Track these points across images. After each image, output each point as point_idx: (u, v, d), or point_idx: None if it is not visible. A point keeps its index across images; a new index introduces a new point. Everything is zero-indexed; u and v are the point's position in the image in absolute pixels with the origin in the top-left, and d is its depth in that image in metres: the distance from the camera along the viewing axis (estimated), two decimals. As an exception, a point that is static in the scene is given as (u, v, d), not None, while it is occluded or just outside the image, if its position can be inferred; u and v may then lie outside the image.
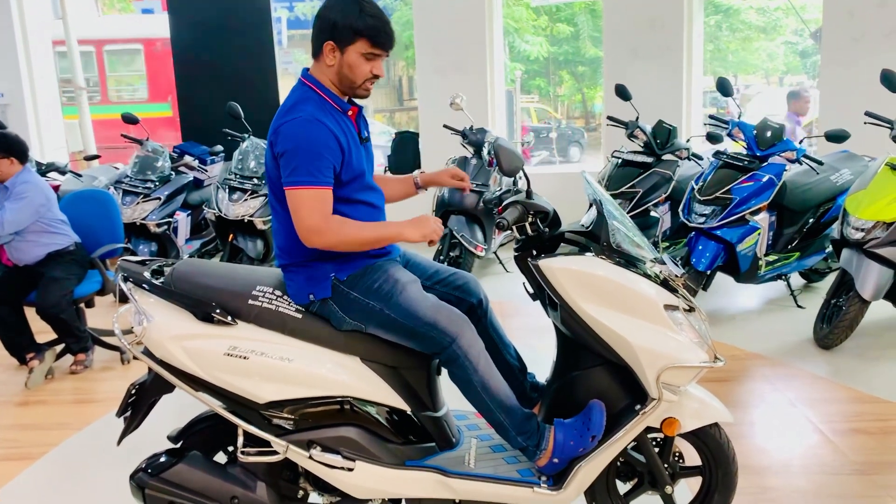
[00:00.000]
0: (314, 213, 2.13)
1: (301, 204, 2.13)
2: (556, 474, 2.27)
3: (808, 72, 22.70)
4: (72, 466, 3.30)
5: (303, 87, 2.28)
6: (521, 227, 2.29)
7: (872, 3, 5.92)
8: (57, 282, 4.16)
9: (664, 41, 6.80)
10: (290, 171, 2.14)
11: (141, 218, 5.70)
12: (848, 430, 3.35)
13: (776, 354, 4.25)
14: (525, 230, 2.29)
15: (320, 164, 2.13)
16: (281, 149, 2.16)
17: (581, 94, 22.46)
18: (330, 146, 2.16)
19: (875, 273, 4.01)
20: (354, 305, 2.23)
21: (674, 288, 2.31)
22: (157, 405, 2.41)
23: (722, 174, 4.73)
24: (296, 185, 2.13)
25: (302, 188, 2.13)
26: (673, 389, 2.21)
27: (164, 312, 2.23)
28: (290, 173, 2.14)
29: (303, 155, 2.13)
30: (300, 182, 2.13)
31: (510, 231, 2.29)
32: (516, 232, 2.31)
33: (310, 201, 2.13)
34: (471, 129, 5.83)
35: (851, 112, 5.15)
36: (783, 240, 4.94)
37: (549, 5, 18.21)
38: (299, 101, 2.23)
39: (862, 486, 2.89)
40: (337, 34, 2.20)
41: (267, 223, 5.69)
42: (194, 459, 2.32)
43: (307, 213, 2.13)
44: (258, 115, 6.12)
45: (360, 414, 2.28)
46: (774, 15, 20.17)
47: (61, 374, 4.37)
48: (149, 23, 15.45)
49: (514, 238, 2.43)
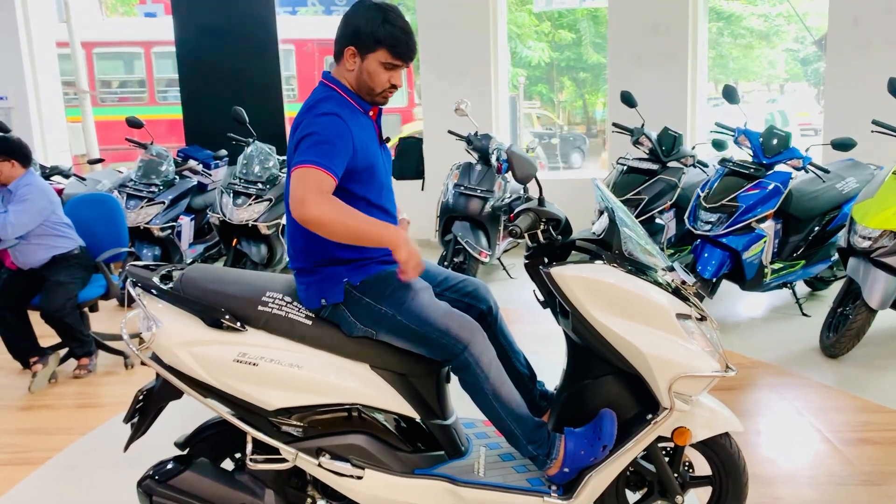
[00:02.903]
0: (309, 186, 2.02)
1: (299, 178, 2.04)
2: (566, 483, 2.25)
3: (810, 79, 22.74)
4: (75, 472, 3.28)
5: (324, 88, 2.28)
6: (533, 235, 2.28)
7: (878, 10, 5.92)
8: (61, 285, 4.15)
9: (668, 48, 6.79)
10: (300, 153, 2.09)
11: (145, 222, 5.69)
12: (856, 440, 3.33)
13: (782, 363, 4.23)
14: (537, 238, 2.28)
15: (329, 151, 2.08)
16: (296, 138, 2.14)
17: (582, 100, 22.50)
18: (344, 138, 2.12)
19: (882, 282, 4.00)
20: (366, 311, 2.22)
21: (685, 296, 2.30)
22: (162, 411, 2.39)
23: (728, 182, 4.71)
24: (299, 164, 2.06)
25: (304, 167, 2.05)
26: (685, 399, 2.20)
27: (172, 318, 2.23)
28: (300, 153, 2.09)
29: (315, 142, 2.09)
30: (304, 161, 2.05)
31: (522, 238, 2.27)
32: (528, 239, 2.29)
33: (310, 177, 2.03)
34: (475, 135, 5.82)
35: (857, 120, 5.15)
36: (788, 248, 4.94)
37: (552, 10, 18.25)
38: (320, 101, 2.22)
39: (871, 496, 2.87)
40: (359, 41, 2.20)
41: (271, 228, 5.69)
42: (202, 467, 2.31)
43: (302, 185, 2.02)
44: (262, 120, 6.13)
45: (369, 421, 2.26)
46: (776, 22, 20.22)
47: (65, 379, 4.35)
48: (153, 26, 15.48)
49: (517, 244, 2.41)
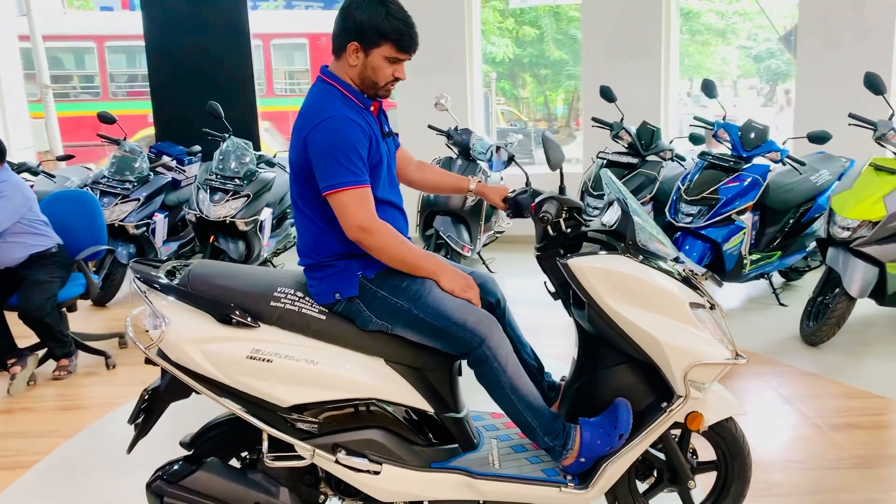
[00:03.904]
0: (363, 211, 2.13)
1: (348, 204, 2.12)
2: (582, 473, 2.27)
3: (762, 75, 23.24)
4: (67, 475, 3.20)
5: (324, 85, 2.25)
6: (556, 224, 2.27)
7: (847, 8, 6.07)
8: (40, 284, 4.03)
9: (642, 43, 6.87)
10: (331, 174, 2.11)
11: (120, 219, 5.56)
12: (843, 425, 3.42)
13: (764, 352, 4.32)
14: (559, 226, 2.28)
15: (358, 163, 2.13)
16: (317, 152, 2.13)
17: (544, 96, 22.64)
18: (363, 142, 2.15)
19: (861, 271, 4.10)
20: (382, 304, 2.20)
21: (695, 285, 2.33)
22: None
23: (708, 175, 4.79)
24: (339, 187, 2.11)
25: (346, 189, 2.11)
26: (698, 386, 2.24)
27: (181, 315, 2.18)
28: (332, 176, 2.11)
29: (341, 156, 2.11)
30: (343, 184, 2.11)
31: (549, 225, 2.25)
32: (550, 229, 2.28)
33: (356, 200, 2.12)
34: (455, 130, 5.82)
35: (828, 114, 5.28)
36: (765, 239, 5.03)
37: (515, 8, 18.33)
38: (325, 101, 2.20)
39: (864, 479, 2.95)
40: (362, 36, 2.18)
41: (249, 224, 5.61)
42: (213, 466, 2.26)
43: (355, 211, 2.12)
44: (234, 115, 6.03)
45: (384, 416, 2.25)
46: (733, 19, 20.62)
47: (44, 380, 4.23)
48: (109, 20, 15.13)
49: (496, 239, 2.42)
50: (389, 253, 2.16)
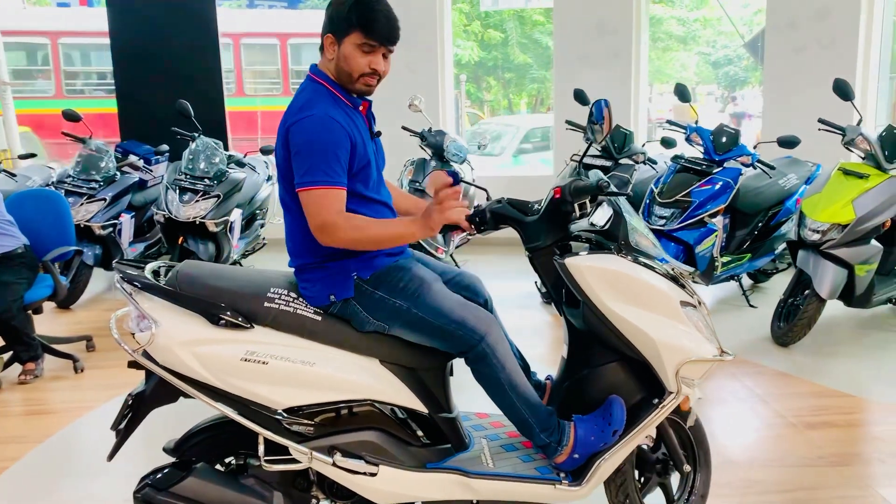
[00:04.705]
0: (327, 210, 2.08)
1: (315, 202, 2.08)
2: (575, 470, 2.27)
3: (720, 81, 23.71)
4: (39, 481, 3.10)
5: (312, 83, 2.23)
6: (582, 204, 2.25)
7: (812, 16, 6.22)
8: (6, 286, 3.91)
9: (613, 48, 6.94)
10: (305, 171, 2.09)
11: (86, 220, 5.42)
12: (818, 423, 3.49)
13: (738, 352, 4.38)
14: (584, 207, 2.27)
15: (334, 164, 2.09)
16: (295, 148, 2.11)
17: (508, 99, 22.76)
18: (343, 145, 2.12)
19: (831, 273, 4.20)
20: (379, 305, 2.18)
21: (682, 284, 2.36)
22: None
23: (680, 178, 4.86)
24: (310, 185, 2.08)
25: (316, 188, 2.08)
26: (688, 383, 2.27)
27: (170, 317, 2.12)
28: (305, 173, 2.09)
29: (317, 154, 2.08)
30: (314, 182, 2.08)
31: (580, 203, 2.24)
32: (578, 209, 2.26)
33: (323, 199, 2.08)
34: (429, 131, 5.80)
35: (795, 118, 5.41)
36: (735, 241, 5.12)
37: (481, 11, 18.40)
38: (311, 98, 2.17)
39: (841, 476, 3.01)
40: (334, 26, 2.17)
41: (219, 225, 5.52)
42: (204, 472, 2.21)
43: (319, 210, 2.08)
44: (201, 113, 5.93)
45: (380, 417, 2.22)
46: (693, 26, 21.00)
47: (9, 385, 4.10)
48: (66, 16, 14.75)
49: (468, 241, 2.40)
50: (360, 243, 2.12)
